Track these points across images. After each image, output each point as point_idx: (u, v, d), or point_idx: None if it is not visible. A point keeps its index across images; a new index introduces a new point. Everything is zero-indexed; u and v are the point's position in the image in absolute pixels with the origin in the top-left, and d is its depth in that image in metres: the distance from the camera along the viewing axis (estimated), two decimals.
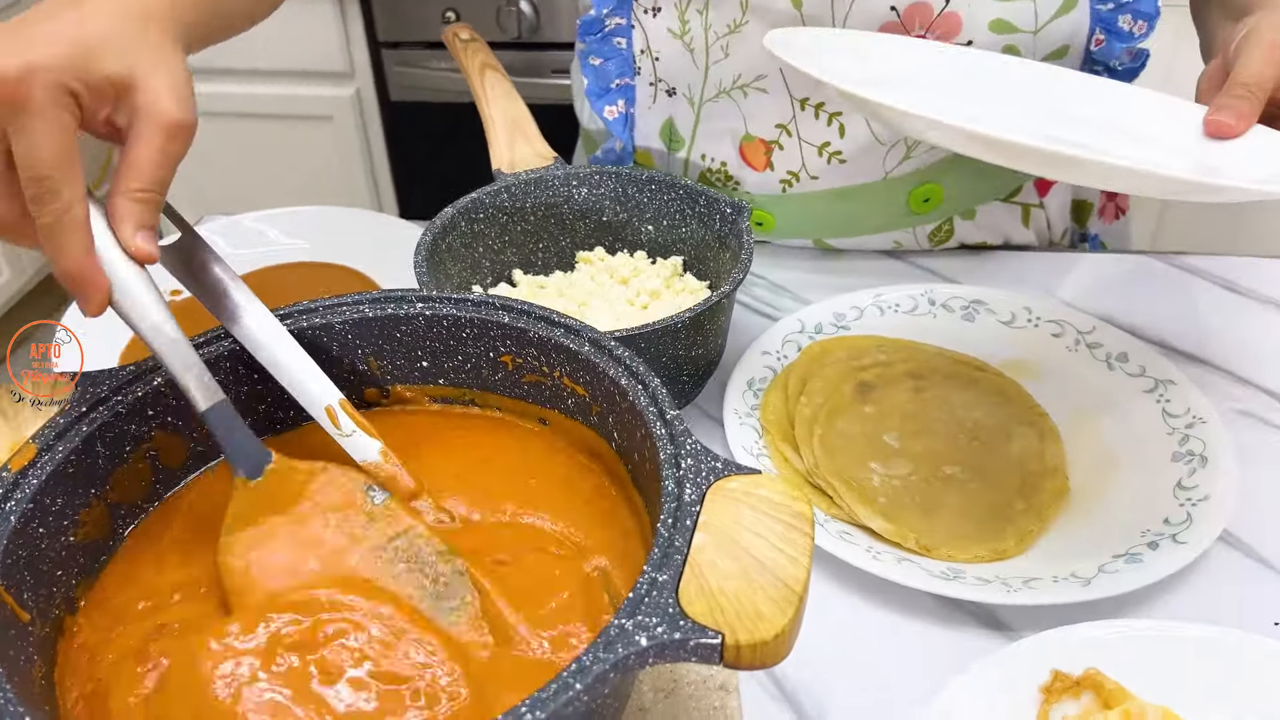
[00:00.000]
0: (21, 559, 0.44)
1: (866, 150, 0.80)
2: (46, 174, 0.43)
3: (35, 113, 0.43)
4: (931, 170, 0.82)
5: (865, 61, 0.68)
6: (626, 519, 0.51)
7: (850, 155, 0.81)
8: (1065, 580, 0.56)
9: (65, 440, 0.48)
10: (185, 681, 0.43)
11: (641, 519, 0.51)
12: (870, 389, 0.67)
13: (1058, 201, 0.89)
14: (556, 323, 0.53)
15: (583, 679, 0.36)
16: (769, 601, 0.38)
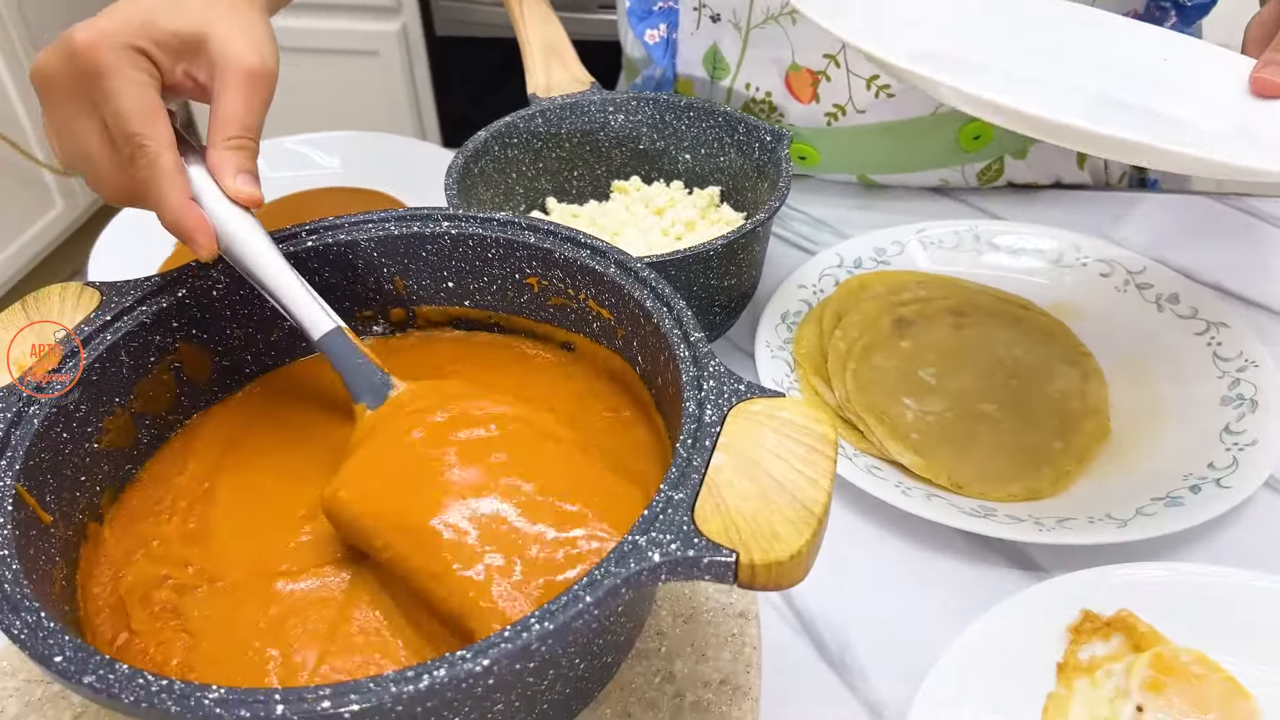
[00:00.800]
0: (44, 462, 0.44)
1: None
2: (134, 130, 0.45)
3: (110, 74, 0.45)
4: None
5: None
6: (649, 445, 0.50)
7: (900, 89, 0.78)
8: (1100, 521, 0.54)
9: (90, 347, 0.48)
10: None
11: (664, 444, 0.50)
12: (908, 324, 0.65)
13: None
14: (582, 244, 0.52)
15: (593, 592, 0.35)
16: (786, 522, 0.37)
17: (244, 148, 0.48)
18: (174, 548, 0.47)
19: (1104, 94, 0.58)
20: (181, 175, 0.47)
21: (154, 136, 0.46)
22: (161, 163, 0.46)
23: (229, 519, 0.48)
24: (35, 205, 2.09)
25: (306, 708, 0.32)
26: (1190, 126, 0.55)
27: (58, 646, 0.35)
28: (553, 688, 0.41)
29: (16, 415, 0.44)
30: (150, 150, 0.45)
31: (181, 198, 0.46)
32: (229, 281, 0.52)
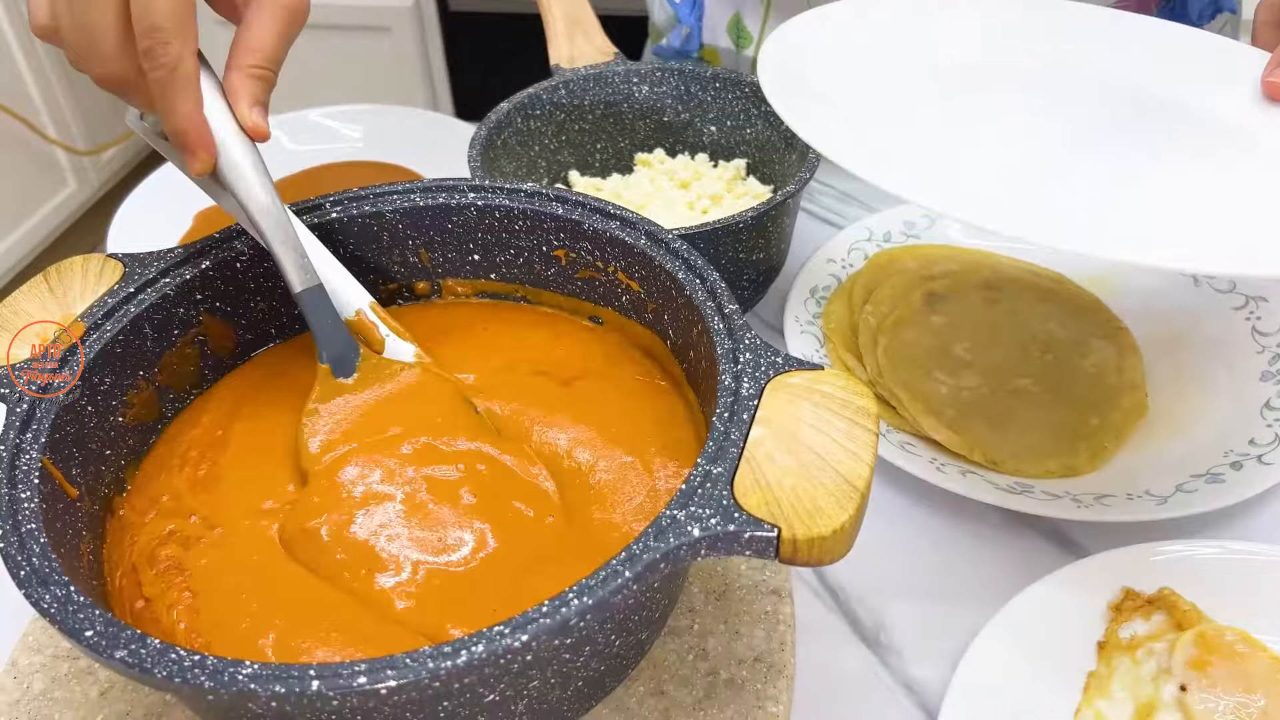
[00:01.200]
0: (69, 436, 0.44)
1: None
2: (161, 24, 0.42)
3: None
4: None
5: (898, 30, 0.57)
6: (681, 421, 0.50)
7: None
8: (1140, 498, 0.53)
9: (113, 320, 0.47)
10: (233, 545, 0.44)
11: (696, 419, 0.49)
12: (940, 299, 0.64)
13: None
14: (612, 215, 0.51)
15: (632, 566, 0.34)
16: (829, 497, 0.36)
17: (264, 78, 0.46)
18: (183, 500, 0.46)
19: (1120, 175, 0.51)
20: (198, 86, 0.44)
21: (180, 37, 0.43)
22: (183, 68, 0.43)
23: (238, 465, 0.48)
24: (47, 184, 2.09)
25: (342, 683, 0.31)
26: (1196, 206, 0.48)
27: (88, 621, 0.34)
28: (588, 664, 0.40)
29: (41, 388, 0.43)
30: (174, 50, 0.42)
31: (196, 107, 0.44)
32: (252, 253, 0.51)
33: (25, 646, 0.49)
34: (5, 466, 0.40)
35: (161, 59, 0.43)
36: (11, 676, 0.47)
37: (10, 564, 0.36)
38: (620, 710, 0.44)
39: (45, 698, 0.46)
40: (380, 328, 0.50)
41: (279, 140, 0.85)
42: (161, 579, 0.44)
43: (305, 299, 0.47)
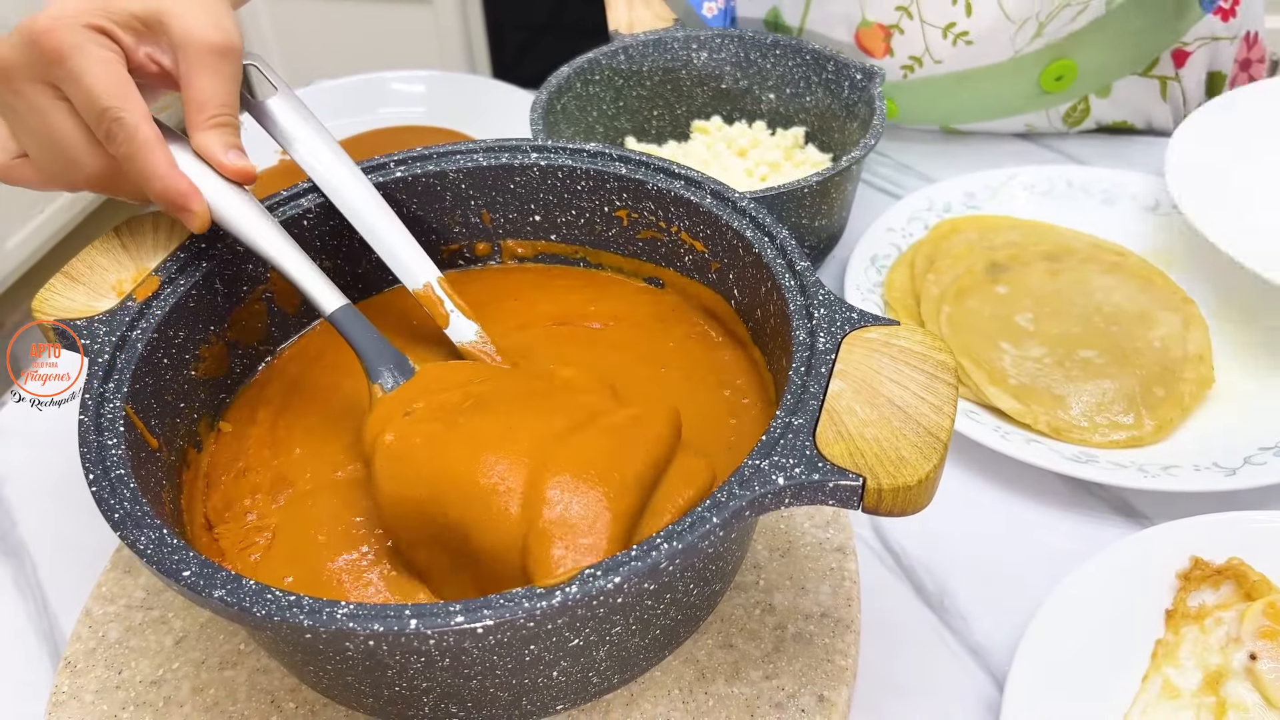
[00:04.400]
0: (148, 387, 0.44)
1: (995, 29, 0.75)
2: (107, 105, 0.43)
3: (74, 54, 0.43)
4: (1064, 45, 0.77)
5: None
6: (744, 368, 0.50)
7: (978, 36, 0.76)
8: (1207, 469, 0.53)
9: (186, 275, 0.48)
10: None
11: (764, 377, 0.49)
12: (1003, 269, 0.63)
13: (1194, 76, 0.83)
14: (676, 174, 0.51)
15: (719, 513, 0.34)
16: (912, 448, 0.36)
17: (227, 124, 0.46)
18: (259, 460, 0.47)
19: None
20: (164, 145, 0.44)
21: (129, 109, 0.43)
22: (141, 133, 0.43)
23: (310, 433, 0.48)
24: None
25: (440, 622, 0.32)
26: None
27: (184, 562, 0.34)
28: (667, 613, 0.41)
29: (120, 340, 0.44)
30: (128, 122, 0.43)
31: (169, 165, 0.44)
32: (319, 210, 0.52)
33: (99, 596, 0.49)
34: (91, 414, 0.40)
35: (119, 134, 0.43)
36: (86, 625, 0.48)
37: (104, 507, 0.37)
38: (690, 662, 0.44)
39: (121, 646, 0.47)
40: (446, 303, 0.50)
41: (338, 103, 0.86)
42: (238, 531, 0.44)
43: (338, 319, 0.46)
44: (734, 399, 0.49)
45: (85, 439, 0.39)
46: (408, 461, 0.40)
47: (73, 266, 0.48)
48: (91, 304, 0.46)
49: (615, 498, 0.37)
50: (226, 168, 0.46)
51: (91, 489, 0.38)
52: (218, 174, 0.46)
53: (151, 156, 0.44)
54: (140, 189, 0.45)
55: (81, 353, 0.44)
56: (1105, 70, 0.79)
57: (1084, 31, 0.76)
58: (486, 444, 0.39)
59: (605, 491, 0.37)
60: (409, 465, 0.40)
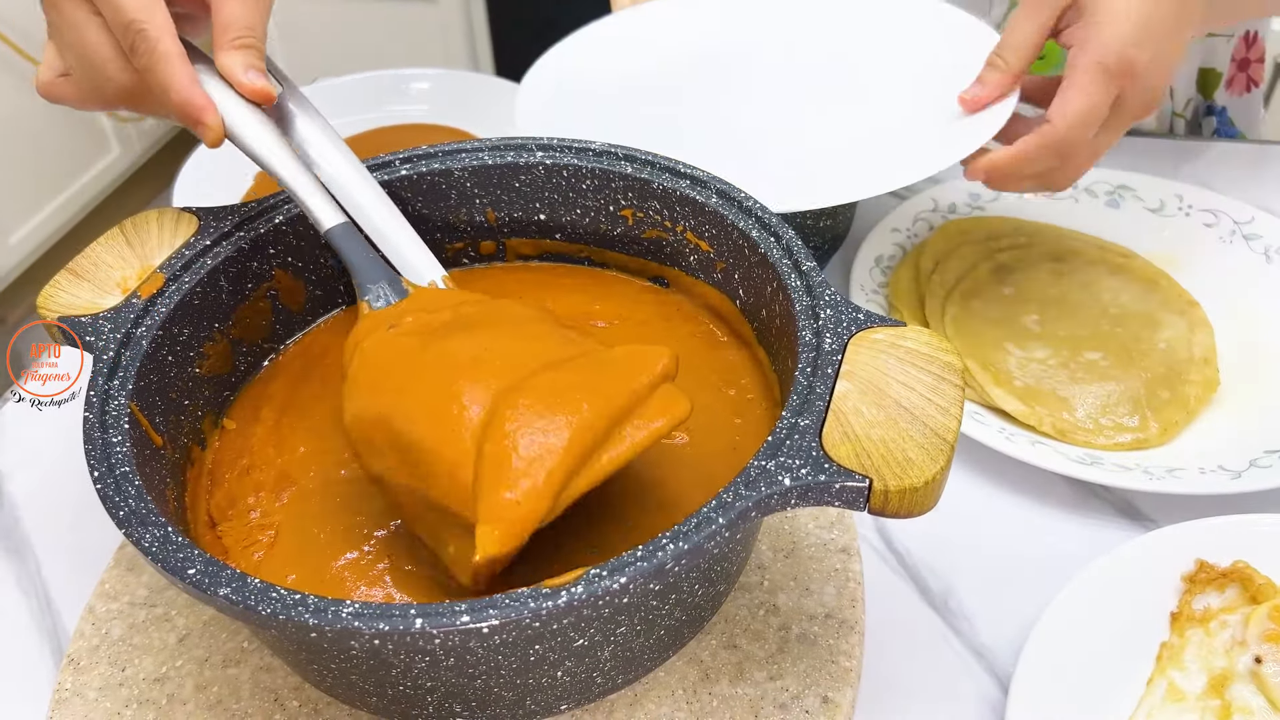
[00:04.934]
0: (153, 384, 0.44)
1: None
2: (131, 18, 0.45)
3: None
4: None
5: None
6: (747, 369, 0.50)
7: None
8: (1212, 472, 0.52)
9: (191, 272, 0.48)
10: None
11: (769, 377, 0.49)
12: (1009, 270, 0.63)
13: (1184, 69, 0.82)
14: (682, 173, 0.51)
15: (725, 514, 0.34)
16: (919, 449, 0.36)
17: (250, 45, 0.48)
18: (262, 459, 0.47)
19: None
20: (185, 60, 0.46)
21: (152, 22, 0.45)
22: (162, 47, 0.45)
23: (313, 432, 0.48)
24: (92, 150, 2.11)
25: (445, 621, 0.32)
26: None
27: (188, 560, 0.34)
28: (671, 613, 0.41)
29: (125, 337, 0.44)
30: (150, 35, 0.45)
31: (187, 79, 0.46)
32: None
33: (102, 593, 0.49)
34: (96, 411, 0.40)
35: (142, 46, 0.45)
36: (89, 623, 0.48)
37: (109, 504, 0.37)
38: (694, 662, 0.44)
39: (124, 643, 0.47)
40: None
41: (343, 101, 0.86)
42: (241, 529, 0.44)
43: (335, 235, 0.48)
44: (739, 398, 0.49)
45: (90, 436, 0.39)
46: (380, 369, 0.41)
47: (77, 263, 0.48)
48: (96, 301, 0.46)
49: (576, 437, 0.36)
50: (244, 86, 0.47)
51: (96, 486, 0.38)
52: (237, 94, 0.47)
53: (171, 69, 0.45)
54: (162, 103, 0.47)
55: (86, 350, 0.44)
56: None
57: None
58: (459, 365, 0.39)
59: (568, 424, 0.36)
60: (380, 373, 0.41)
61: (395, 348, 0.42)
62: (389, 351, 0.41)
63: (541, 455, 0.36)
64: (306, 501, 0.45)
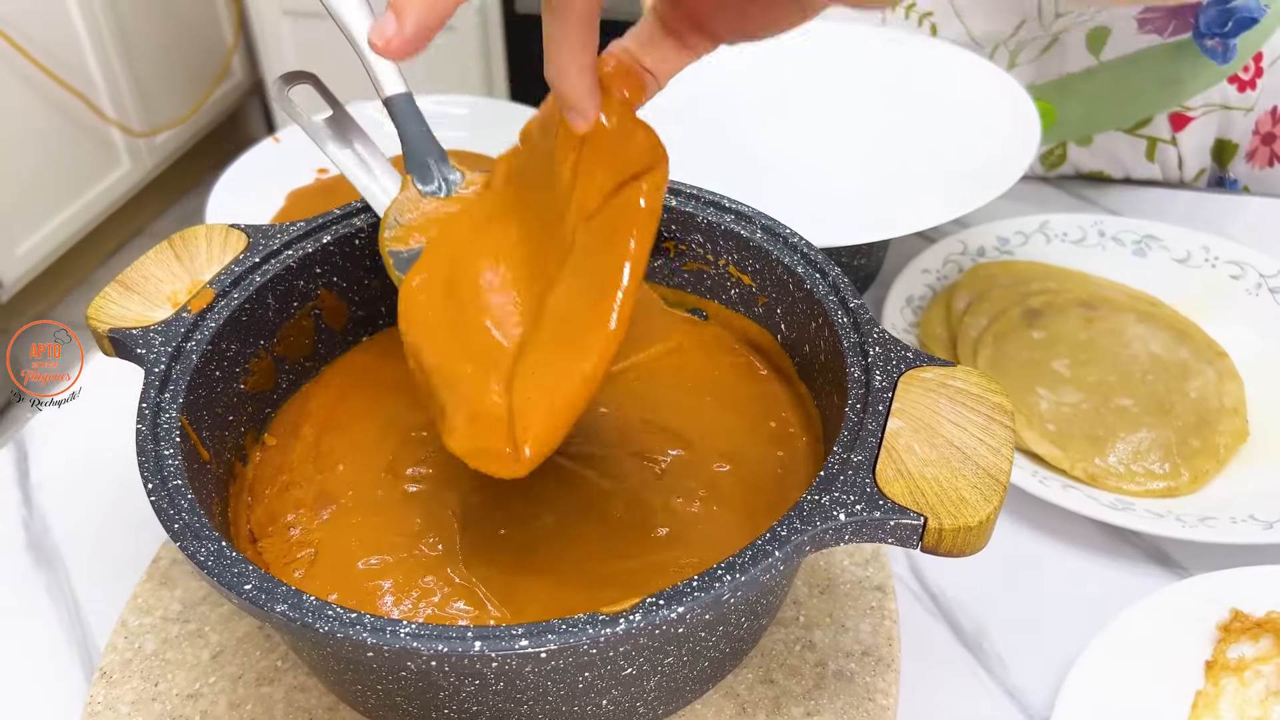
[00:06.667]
0: (201, 399, 0.44)
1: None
2: None
3: None
4: (1044, 89, 0.78)
5: None
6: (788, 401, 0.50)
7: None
8: (1244, 521, 0.53)
9: (240, 288, 0.48)
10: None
11: (810, 412, 0.49)
12: (1038, 315, 0.64)
13: (1196, 140, 0.83)
14: (727, 208, 0.51)
15: (782, 547, 0.34)
16: (972, 489, 0.37)
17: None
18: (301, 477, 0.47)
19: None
20: None
21: None
22: None
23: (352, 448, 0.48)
24: (103, 163, 2.11)
25: (504, 645, 0.32)
26: None
27: (243, 575, 0.34)
28: (717, 645, 0.41)
29: (176, 350, 0.44)
30: None
31: None
32: (371, 230, 0.52)
33: (135, 607, 0.49)
34: (149, 424, 0.40)
35: None
36: (122, 636, 0.48)
37: (163, 518, 0.37)
38: (731, 696, 0.44)
39: (157, 658, 0.47)
40: None
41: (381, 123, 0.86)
42: (281, 545, 0.44)
43: (394, 104, 0.48)
44: (780, 431, 0.49)
45: (143, 449, 0.40)
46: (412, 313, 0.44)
47: (127, 276, 0.48)
48: (146, 314, 0.46)
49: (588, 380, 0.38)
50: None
51: (151, 499, 0.38)
52: None
53: None
54: None
55: (136, 363, 0.44)
56: (1086, 121, 0.80)
57: (1071, 80, 0.77)
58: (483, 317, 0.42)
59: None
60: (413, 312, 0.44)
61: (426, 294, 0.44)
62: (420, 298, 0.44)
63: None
64: (346, 519, 0.45)
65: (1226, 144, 0.84)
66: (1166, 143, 0.82)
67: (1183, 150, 0.83)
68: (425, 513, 0.45)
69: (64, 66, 1.92)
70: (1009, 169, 0.60)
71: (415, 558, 0.43)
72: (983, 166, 0.62)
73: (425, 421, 0.49)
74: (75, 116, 1.99)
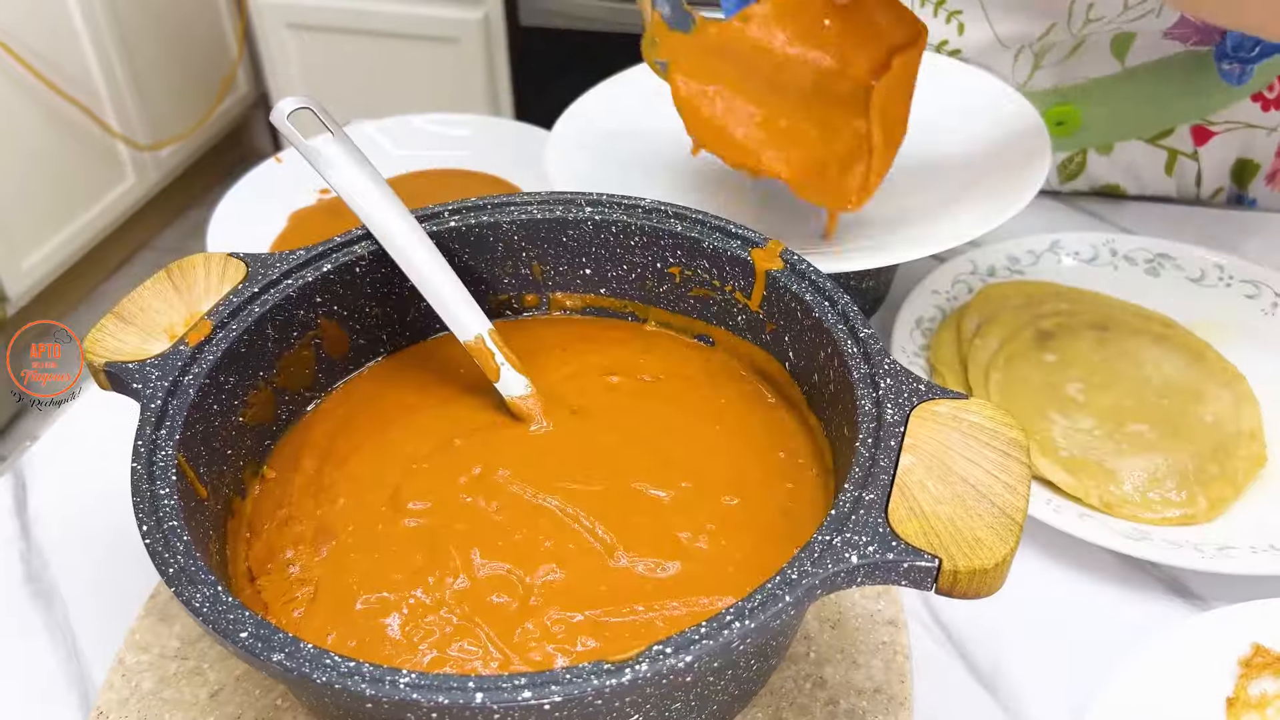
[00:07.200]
0: (198, 434, 0.43)
1: (989, 52, 0.75)
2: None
3: None
4: (1070, 91, 0.77)
5: None
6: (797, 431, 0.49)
7: (971, 55, 0.76)
8: (1264, 551, 0.52)
9: (238, 319, 0.47)
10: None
11: (818, 441, 0.48)
12: (1050, 337, 0.63)
13: (1217, 156, 0.81)
14: (733, 234, 0.50)
15: (792, 591, 0.33)
16: (988, 529, 0.36)
17: None
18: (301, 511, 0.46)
19: None
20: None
21: None
22: None
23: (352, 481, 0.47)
24: (108, 177, 2.12)
25: (506, 697, 0.31)
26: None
27: (239, 621, 0.34)
28: (726, 688, 0.40)
29: (173, 385, 0.43)
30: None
31: None
32: (372, 257, 0.51)
33: (132, 644, 0.48)
34: (144, 462, 0.40)
35: None
36: (120, 674, 0.47)
37: (158, 561, 0.36)
38: None
39: (155, 697, 0.46)
40: (497, 355, 0.49)
41: (381, 144, 0.86)
42: (281, 583, 0.43)
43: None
44: (789, 462, 0.48)
45: (138, 488, 0.39)
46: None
47: (123, 307, 0.47)
48: (143, 347, 0.45)
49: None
50: None
51: (145, 541, 0.37)
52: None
53: None
54: None
55: (133, 397, 0.43)
56: (1109, 128, 0.79)
57: (1096, 85, 0.76)
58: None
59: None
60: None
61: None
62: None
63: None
64: (345, 556, 0.44)
65: (1248, 163, 0.83)
66: (1188, 156, 0.81)
67: (1203, 165, 0.82)
68: (427, 549, 0.44)
69: (68, 80, 1.93)
70: (1021, 190, 0.59)
71: (417, 596, 0.42)
72: (995, 187, 0.61)
73: (427, 451, 0.49)
74: (80, 130, 1.99)
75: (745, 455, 0.48)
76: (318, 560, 0.44)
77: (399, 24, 1.87)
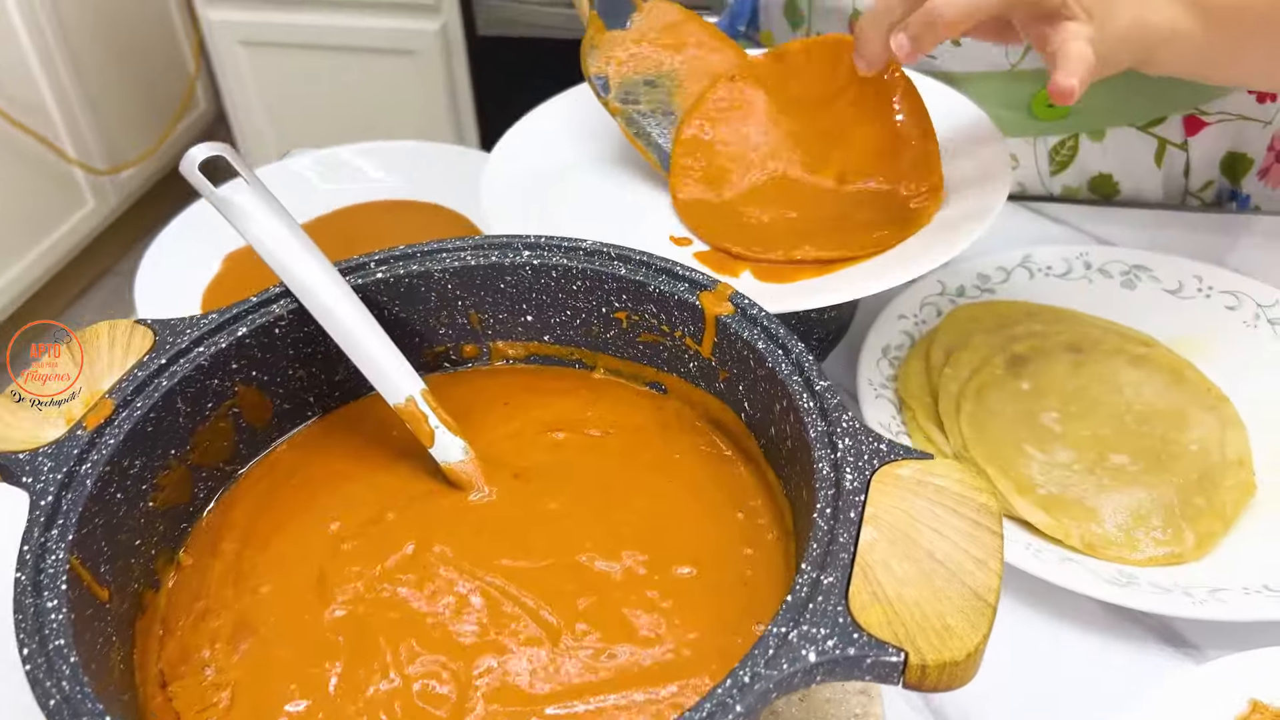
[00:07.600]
0: (99, 528, 0.40)
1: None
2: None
3: None
4: None
5: None
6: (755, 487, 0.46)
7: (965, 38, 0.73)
8: (1258, 593, 0.49)
9: (144, 395, 0.43)
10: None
11: (779, 503, 0.45)
12: (1024, 362, 0.60)
13: (1207, 148, 0.79)
14: (680, 276, 0.47)
15: (744, 699, 0.30)
16: (958, 613, 0.32)
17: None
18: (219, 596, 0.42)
19: None
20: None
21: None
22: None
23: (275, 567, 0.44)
24: (66, 202, 2.07)
25: None
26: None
27: None
28: None
29: (68, 476, 0.40)
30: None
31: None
32: (292, 317, 0.48)
33: None
34: (30, 572, 0.36)
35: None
36: None
37: (38, 691, 0.32)
38: None
39: None
40: (430, 418, 0.46)
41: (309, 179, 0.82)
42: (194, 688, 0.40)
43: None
44: (748, 523, 0.44)
45: (21, 603, 0.35)
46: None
47: (19, 386, 0.43)
48: (36, 433, 0.41)
49: None
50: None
51: (25, 667, 0.33)
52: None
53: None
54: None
55: (25, 491, 0.40)
56: (1103, 112, 0.76)
57: None
58: None
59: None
60: None
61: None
62: None
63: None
64: (266, 653, 0.41)
65: (1240, 157, 0.80)
66: (1176, 147, 0.78)
67: (1192, 156, 0.79)
68: (356, 642, 0.41)
69: (19, 106, 1.88)
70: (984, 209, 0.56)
71: (346, 699, 0.39)
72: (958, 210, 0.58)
73: (358, 527, 0.45)
74: (37, 158, 1.94)
75: (701, 517, 0.45)
76: (235, 660, 0.40)
77: (355, 37, 1.83)
